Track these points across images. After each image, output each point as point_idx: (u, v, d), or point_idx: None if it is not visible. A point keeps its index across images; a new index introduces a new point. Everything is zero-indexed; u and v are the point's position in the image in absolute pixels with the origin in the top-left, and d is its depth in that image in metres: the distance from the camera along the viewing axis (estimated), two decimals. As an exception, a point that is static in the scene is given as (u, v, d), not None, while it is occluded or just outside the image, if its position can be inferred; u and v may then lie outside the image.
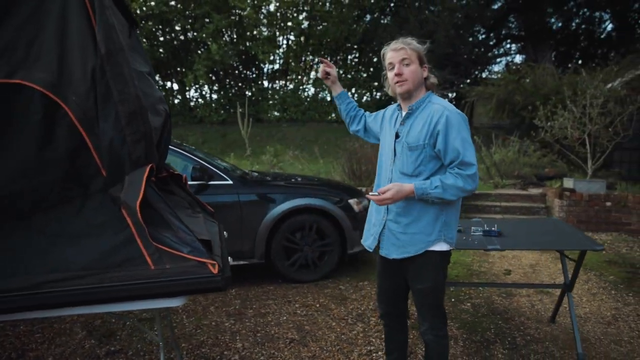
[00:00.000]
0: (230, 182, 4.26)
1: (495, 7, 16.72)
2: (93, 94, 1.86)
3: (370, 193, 1.96)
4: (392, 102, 2.26)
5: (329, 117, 19.09)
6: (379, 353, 2.94)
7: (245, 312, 3.64)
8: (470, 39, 16.88)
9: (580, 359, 2.74)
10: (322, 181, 5.36)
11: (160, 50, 17.14)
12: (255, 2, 16.77)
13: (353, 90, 20.16)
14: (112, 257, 1.81)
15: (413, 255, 1.96)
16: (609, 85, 8.59)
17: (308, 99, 19.53)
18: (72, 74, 1.83)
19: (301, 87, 19.82)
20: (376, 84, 19.84)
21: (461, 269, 4.81)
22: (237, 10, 16.48)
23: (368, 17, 19.66)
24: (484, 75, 18.54)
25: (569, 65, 15.64)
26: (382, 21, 19.52)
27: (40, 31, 1.79)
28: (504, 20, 17.00)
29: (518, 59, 19.91)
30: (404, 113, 2.04)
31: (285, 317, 3.53)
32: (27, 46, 1.77)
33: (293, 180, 5.13)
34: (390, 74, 1.97)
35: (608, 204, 6.47)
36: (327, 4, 18.72)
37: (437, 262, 1.98)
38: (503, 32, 18.22)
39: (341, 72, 20.06)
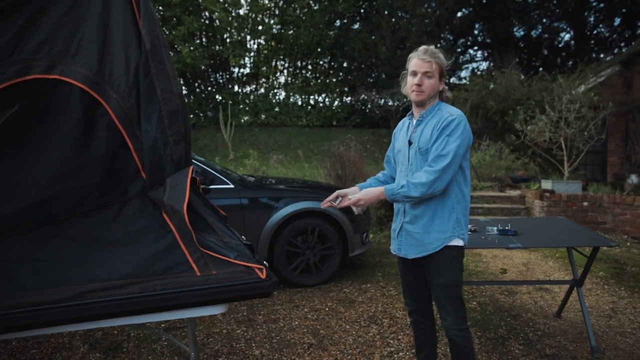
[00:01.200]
0: (232, 185, 4.16)
1: (462, 14, 17.25)
2: (135, 92, 1.77)
3: (348, 199, 2.09)
4: (364, 108, 2.37)
5: (300, 122, 19.09)
6: (400, 354, 2.94)
7: (254, 319, 3.56)
8: (441, 45, 17.32)
9: (595, 351, 2.84)
10: (318, 184, 5.33)
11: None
12: (227, 5, 16.57)
13: (324, 95, 20.26)
14: (155, 264, 1.72)
15: (431, 253, 2.04)
16: (573, 92, 9.04)
17: (279, 104, 19.45)
18: (113, 70, 1.74)
19: (272, 92, 19.72)
20: (346, 89, 20.02)
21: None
22: (207, 13, 16.22)
23: (338, 22, 19.83)
24: (452, 80, 19.07)
25: (532, 72, 16.40)
26: (352, 26, 19.73)
27: (81, 23, 1.68)
28: (471, 27, 17.55)
29: (484, 65, 20.66)
30: (414, 121, 2.11)
31: (297, 322, 3.47)
32: (67, 39, 1.66)
33: (295, 183, 5.06)
34: (410, 80, 2.04)
35: (585, 204, 6.78)
36: (298, 10, 18.75)
37: (454, 257, 2.05)
38: (470, 39, 18.81)
39: (311, 76, 20.14)
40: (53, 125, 1.68)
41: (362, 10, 19.99)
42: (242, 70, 19.64)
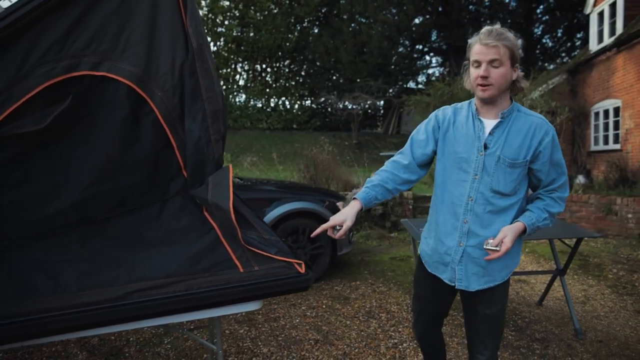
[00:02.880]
0: (224, 187, 4.15)
1: (418, 21, 17.89)
2: (179, 91, 1.79)
3: (488, 246, 1.59)
4: (324, 111, 2.16)
5: (261, 125, 19.04)
6: (404, 345, 3.07)
7: (254, 318, 3.58)
8: (400, 50, 17.89)
9: (578, 333, 3.12)
10: (304, 185, 5.41)
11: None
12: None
13: (284, 98, 20.31)
14: (199, 262, 1.75)
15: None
16: (533, 97, 9.69)
17: (239, 107, 19.30)
18: (159, 68, 1.75)
19: (232, 95, 19.54)
20: (306, 92, 20.21)
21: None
22: None
23: (298, 26, 19.98)
24: (410, 85, 19.73)
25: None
26: (312, 30, 19.94)
27: (129, 21, 1.69)
28: (429, 34, 18.24)
29: (438, 71, 21.49)
30: (485, 120, 1.69)
31: (298, 320, 3.53)
32: (115, 36, 1.66)
33: (284, 185, 5.11)
34: (474, 72, 1.63)
35: (544, 201, 7.26)
36: (258, 13, 18.72)
37: (508, 282, 1.79)
38: (428, 45, 19.54)
39: (271, 79, 20.14)
40: (100, 123, 1.67)
41: (320, 15, 20.24)
42: (201, 72, 19.29)
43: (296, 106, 20.41)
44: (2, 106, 1.50)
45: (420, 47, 19.60)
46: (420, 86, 19.14)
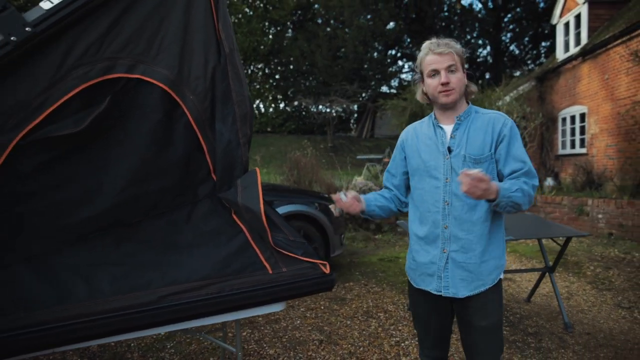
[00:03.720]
0: (220, 190, 4.15)
1: (393, 27, 18.26)
2: (210, 95, 1.81)
3: (464, 172, 1.46)
4: (299, 114, 2.24)
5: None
6: (406, 342, 3.17)
7: (255, 320, 3.59)
8: (375, 55, 18.19)
9: (568, 326, 3.30)
10: (294, 189, 5.45)
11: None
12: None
13: (258, 101, 20.26)
14: (230, 264, 1.77)
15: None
16: (513, 103, 10.10)
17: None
18: (191, 71, 1.77)
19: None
20: (280, 96, 20.25)
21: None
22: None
23: (273, 29, 20.01)
24: (384, 89, 20.08)
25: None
26: (287, 34, 20.00)
27: (163, 24, 1.70)
28: (402, 40, 18.63)
29: (410, 76, 21.95)
30: (446, 127, 1.74)
31: (299, 321, 3.57)
32: (149, 39, 1.67)
33: (278, 187, 5.14)
34: (432, 82, 1.67)
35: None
36: (233, 16, 18.63)
37: (500, 291, 1.74)
38: (401, 50, 19.94)
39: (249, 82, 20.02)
40: (134, 126, 1.67)
41: (294, 19, 20.35)
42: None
43: (271, 109, 20.40)
44: (40, 109, 1.49)
45: (394, 52, 19.99)
46: (392, 90, 19.52)
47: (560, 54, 11.39)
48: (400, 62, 21.91)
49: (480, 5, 17.36)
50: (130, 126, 1.67)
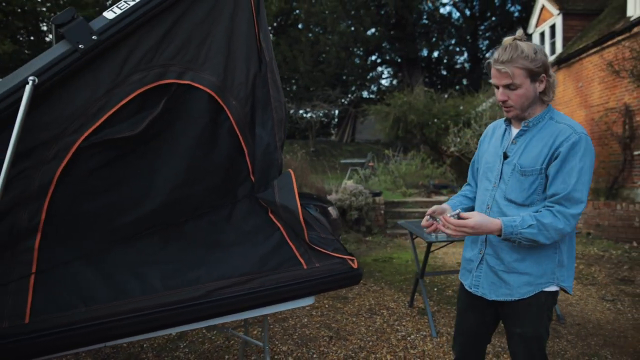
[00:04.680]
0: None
1: (374, 34, 18.62)
2: (251, 100, 1.93)
3: (450, 213, 1.61)
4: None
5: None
6: (412, 336, 3.32)
7: (263, 319, 3.68)
8: (356, 61, 18.48)
9: (560, 318, 3.53)
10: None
11: (27, 51, 15.01)
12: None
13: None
14: (269, 261, 1.87)
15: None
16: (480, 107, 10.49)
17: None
18: (235, 78, 1.88)
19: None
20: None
21: (422, 264, 5.47)
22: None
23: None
24: (364, 94, 20.40)
25: (433, 89, 18.38)
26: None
27: (211, 33, 1.81)
28: (384, 46, 19.00)
29: (388, 81, 22.38)
30: (514, 130, 1.69)
31: (306, 319, 3.69)
32: (198, 47, 1.78)
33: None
34: (496, 93, 1.64)
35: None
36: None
37: (542, 303, 1.63)
38: (382, 57, 20.31)
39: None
40: (182, 130, 1.77)
41: (276, 24, 20.48)
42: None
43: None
44: (100, 112, 1.58)
45: (374, 58, 20.36)
46: (371, 96, 19.88)
47: (536, 62, 11.86)
48: (379, 68, 22.35)
49: (458, 14, 17.94)
50: (179, 130, 1.76)
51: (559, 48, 10.78)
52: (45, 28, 15.40)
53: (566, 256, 1.64)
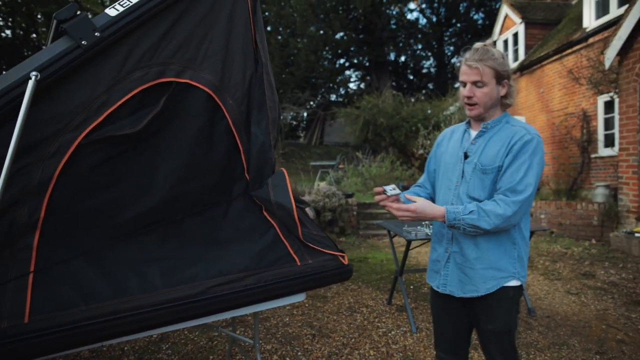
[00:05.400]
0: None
1: (343, 37, 18.83)
2: (246, 99, 1.96)
3: (390, 191, 1.69)
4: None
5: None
6: (393, 332, 3.42)
7: (245, 319, 3.69)
8: (325, 64, 18.62)
9: (531, 311, 3.72)
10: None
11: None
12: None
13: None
14: (264, 257, 1.91)
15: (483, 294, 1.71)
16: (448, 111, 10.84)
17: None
18: (231, 77, 1.90)
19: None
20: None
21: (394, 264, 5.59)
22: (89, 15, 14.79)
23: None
24: (332, 98, 20.58)
25: (401, 93, 18.79)
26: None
27: (209, 32, 1.82)
28: (352, 50, 19.23)
29: (356, 85, 22.67)
30: (473, 132, 1.78)
31: (287, 318, 3.72)
32: (197, 46, 1.79)
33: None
34: (461, 91, 1.73)
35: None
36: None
37: (510, 297, 1.71)
38: (350, 60, 20.55)
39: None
40: (181, 128, 1.78)
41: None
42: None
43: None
44: (101, 109, 1.57)
45: (342, 61, 20.59)
46: (339, 99, 20.08)
47: (500, 69, 12.35)
48: (347, 72, 22.60)
49: (425, 20, 18.44)
50: (177, 128, 1.77)
51: (521, 55, 11.27)
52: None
53: (524, 252, 1.73)
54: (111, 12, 1.55)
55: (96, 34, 1.50)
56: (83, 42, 1.48)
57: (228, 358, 2.88)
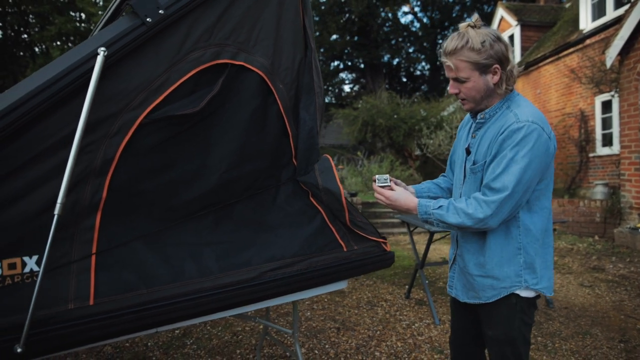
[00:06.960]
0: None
1: (339, 39, 18.90)
2: (295, 85, 1.95)
3: (380, 182, 1.66)
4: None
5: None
6: (416, 324, 3.42)
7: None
8: (321, 66, 18.68)
9: (549, 302, 3.76)
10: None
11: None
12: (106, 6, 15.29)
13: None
14: (314, 243, 1.91)
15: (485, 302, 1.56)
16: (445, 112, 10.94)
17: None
18: (281, 62, 1.89)
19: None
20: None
21: (409, 260, 5.60)
22: (83, 15, 14.69)
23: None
24: (327, 100, 20.61)
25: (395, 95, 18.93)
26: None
27: (262, 14, 1.81)
28: (348, 52, 19.32)
29: (350, 87, 22.76)
30: (474, 123, 1.60)
31: (309, 313, 3.70)
32: (250, 29, 1.78)
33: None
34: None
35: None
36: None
37: (513, 305, 1.51)
38: (345, 63, 20.63)
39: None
40: (234, 111, 1.76)
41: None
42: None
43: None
44: (161, 88, 1.54)
45: (337, 63, 20.66)
46: (334, 101, 20.12)
47: (496, 70, 12.51)
48: (342, 74, 22.69)
49: (418, 23, 18.60)
50: (231, 111, 1.75)
51: (517, 57, 11.41)
52: None
53: (536, 256, 1.49)
54: None
55: (160, 11, 1.48)
56: (148, 20, 1.46)
57: (259, 350, 2.85)
